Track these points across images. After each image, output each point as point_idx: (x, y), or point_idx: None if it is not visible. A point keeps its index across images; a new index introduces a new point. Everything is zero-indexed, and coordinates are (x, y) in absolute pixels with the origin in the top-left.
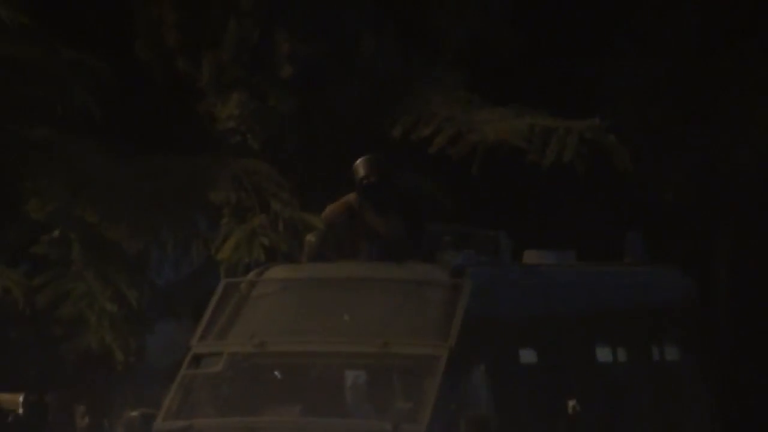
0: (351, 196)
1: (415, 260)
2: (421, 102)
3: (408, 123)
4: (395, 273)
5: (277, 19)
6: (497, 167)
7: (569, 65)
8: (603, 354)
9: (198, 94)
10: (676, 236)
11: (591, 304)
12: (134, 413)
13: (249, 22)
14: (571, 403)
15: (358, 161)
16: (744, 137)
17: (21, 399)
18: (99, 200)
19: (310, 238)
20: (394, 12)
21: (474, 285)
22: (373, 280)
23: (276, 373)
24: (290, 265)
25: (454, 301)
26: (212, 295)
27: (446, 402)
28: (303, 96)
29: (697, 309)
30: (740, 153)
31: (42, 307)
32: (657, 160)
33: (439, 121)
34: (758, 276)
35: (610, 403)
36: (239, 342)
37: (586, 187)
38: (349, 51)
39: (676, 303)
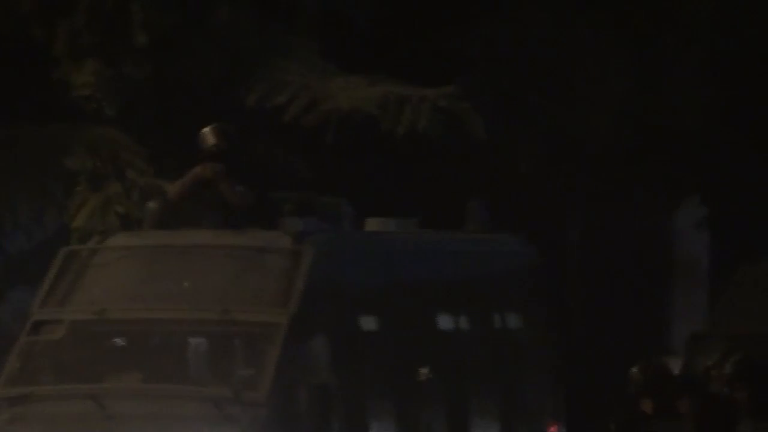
0: (198, 168)
1: (258, 227)
2: (276, 71)
3: (262, 91)
4: (237, 240)
5: None
6: (350, 135)
7: (425, 35)
8: (445, 321)
9: (53, 61)
10: (528, 206)
11: (432, 271)
12: None
13: None
14: (424, 370)
15: (206, 130)
16: (592, 109)
17: None
18: None
19: (152, 205)
20: None
21: (315, 252)
22: (214, 247)
23: (117, 340)
24: (132, 232)
25: (295, 268)
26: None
27: (288, 369)
28: (158, 64)
29: (539, 276)
30: (588, 124)
31: None
32: (509, 130)
33: (293, 90)
34: (607, 245)
35: (452, 368)
36: (80, 309)
37: (432, 155)
38: (204, 20)
39: (518, 270)
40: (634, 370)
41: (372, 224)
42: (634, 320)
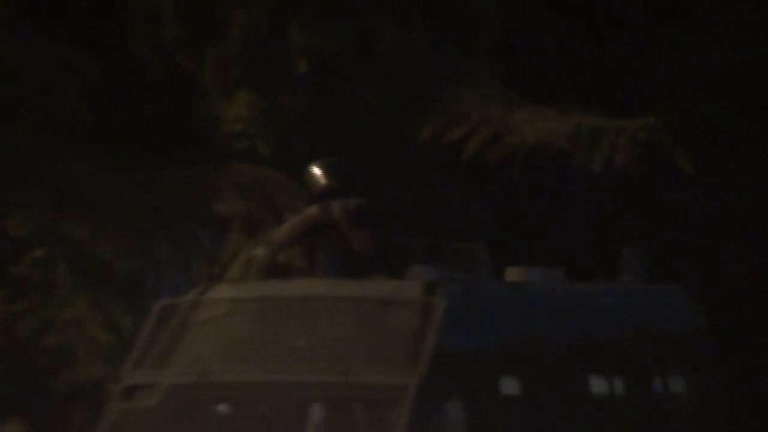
0: (314, 209)
1: (381, 276)
2: (453, 101)
3: (437, 124)
4: (357, 290)
5: (290, 9)
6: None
7: (619, 58)
8: (597, 385)
9: (200, 94)
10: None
11: (582, 327)
12: None
13: (258, 12)
14: None
15: (314, 167)
16: None
17: None
18: (88, 214)
19: (260, 252)
20: (419, 2)
21: (448, 304)
22: (332, 298)
23: (222, 406)
24: (237, 282)
25: (425, 323)
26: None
27: None
28: (319, 95)
29: (706, 335)
30: None
31: (24, 336)
32: (718, 165)
33: (473, 123)
34: None
35: None
36: (179, 371)
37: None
38: (371, 44)
39: (681, 328)
40: None
41: (513, 273)
42: None
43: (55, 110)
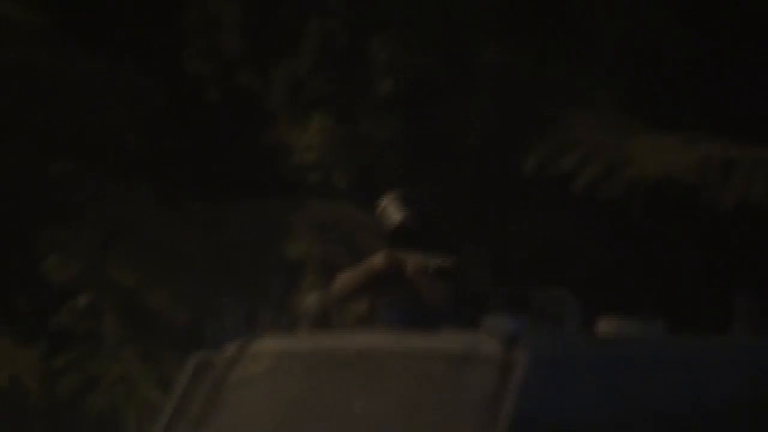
0: (379, 258)
1: (453, 327)
2: (563, 127)
3: (545, 153)
4: (425, 344)
5: (372, 19)
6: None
7: (755, 78)
8: None
9: (267, 118)
10: None
11: (697, 393)
12: None
13: (335, 23)
14: None
15: (386, 200)
16: None
17: None
18: (138, 257)
19: (311, 300)
20: (526, 12)
21: (532, 361)
22: (395, 354)
23: None
24: (282, 335)
25: (503, 384)
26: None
27: None
28: (406, 120)
29: None
30: None
31: (65, 396)
32: None
33: (585, 151)
34: None
35: None
36: None
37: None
38: (468, 60)
39: None
40: None
41: (607, 326)
42: None
43: (101, 136)
